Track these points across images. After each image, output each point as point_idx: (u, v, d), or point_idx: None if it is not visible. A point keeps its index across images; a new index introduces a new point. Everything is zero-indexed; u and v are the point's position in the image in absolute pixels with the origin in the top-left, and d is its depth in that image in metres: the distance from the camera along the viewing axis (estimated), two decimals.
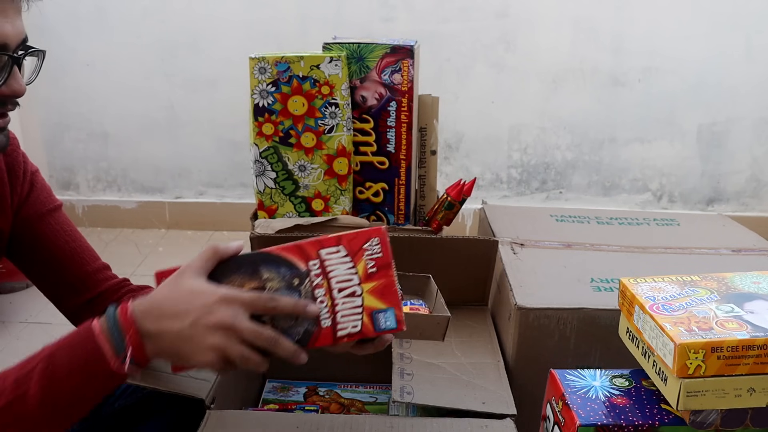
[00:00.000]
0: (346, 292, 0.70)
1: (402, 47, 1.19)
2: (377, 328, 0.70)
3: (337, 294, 0.70)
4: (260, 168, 1.23)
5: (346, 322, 0.70)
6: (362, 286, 0.71)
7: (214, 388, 0.92)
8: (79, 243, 0.96)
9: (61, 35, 2.44)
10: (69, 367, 0.65)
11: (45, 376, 0.65)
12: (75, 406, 0.68)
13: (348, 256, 0.71)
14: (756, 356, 0.67)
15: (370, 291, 0.71)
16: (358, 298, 0.70)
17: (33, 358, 0.67)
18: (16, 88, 0.75)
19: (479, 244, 1.15)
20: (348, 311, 0.70)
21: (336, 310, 0.70)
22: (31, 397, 0.65)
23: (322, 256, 0.71)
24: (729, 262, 1.21)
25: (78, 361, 0.66)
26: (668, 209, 2.60)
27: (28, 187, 0.92)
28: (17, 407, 0.64)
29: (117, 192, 2.67)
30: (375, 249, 0.72)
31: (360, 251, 0.71)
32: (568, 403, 0.72)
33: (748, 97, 2.46)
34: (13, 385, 0.65)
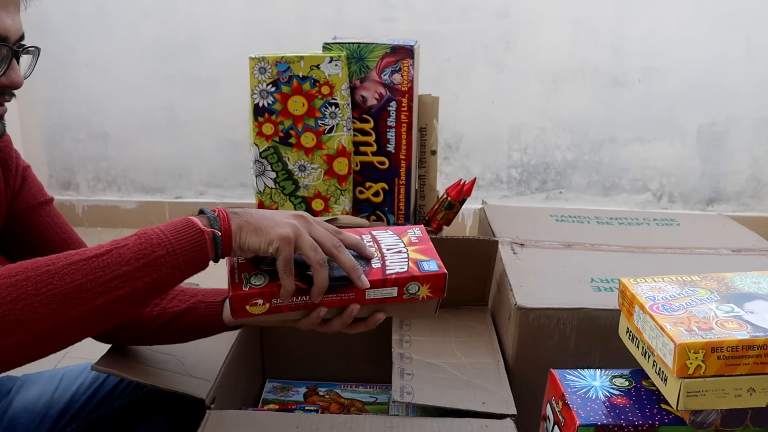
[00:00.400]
0: (394, 249, 0.82)
1: (402, 47, 1.19)
2: (422, 269, 0.79)
3: (386, 250, 0.81)
4: (260, 168, 1.22)
5: (394, 264, 0.79)
6: (407, 248, 0.82)
7: (214, 388, 0.92)
8: (69, 235, 0.97)
9: (62, 35, 2.45)
10: (162, 231, 0.70)
11: (142, 236, 0.69)
12: (165, 269, 0.69)
13: (394, 234, 0.85)
14: (756, 356, 0.67)
15: (414, 251, 0.82)
16: (404, 254, 0.81)
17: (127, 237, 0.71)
18: (14, 80, 0.79)
19: (479, 244, 1.15)
20: (396, 259, 0.80)
21: (385, 258, 0.80)
22: (130, 246, 0.68)
23: (373, 233, 0.85)
24: (729, 262, 1.21)
25: (170, 226, 0.71)
26: (668, 209, 2.60)
27: (21, 181, 0.94)
28: (116, 253, 0.67)
29: (117, 192, 2.67)
30: (416, 232, 0.86)
31: (404, 233, 0.86)
32: (568, 403, 0.72)
33: (748, 97, 2.46)
34: (111, 242, 0.68)
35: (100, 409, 0.99)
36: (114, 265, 0.66)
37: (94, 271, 0.65)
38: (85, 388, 1.00)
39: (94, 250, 0.67)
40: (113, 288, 0.66)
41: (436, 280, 0.79)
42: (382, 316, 0.81)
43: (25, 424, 0.97)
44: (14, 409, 0.98)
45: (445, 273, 0.79)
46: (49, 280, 0.63)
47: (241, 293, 0.74)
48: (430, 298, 0.80)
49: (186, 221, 0.71)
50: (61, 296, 0.63)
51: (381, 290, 0.77)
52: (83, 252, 0.67)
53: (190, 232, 0.70)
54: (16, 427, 0.96)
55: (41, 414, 0.97)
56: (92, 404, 0.99)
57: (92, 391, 1.00)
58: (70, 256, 0.66)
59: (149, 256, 0.68)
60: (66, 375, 1.03)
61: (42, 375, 1.03)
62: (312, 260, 0.73)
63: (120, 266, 0.66)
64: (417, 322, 1.13)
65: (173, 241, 0.69)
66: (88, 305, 0.65)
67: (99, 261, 0.66)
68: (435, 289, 0.79)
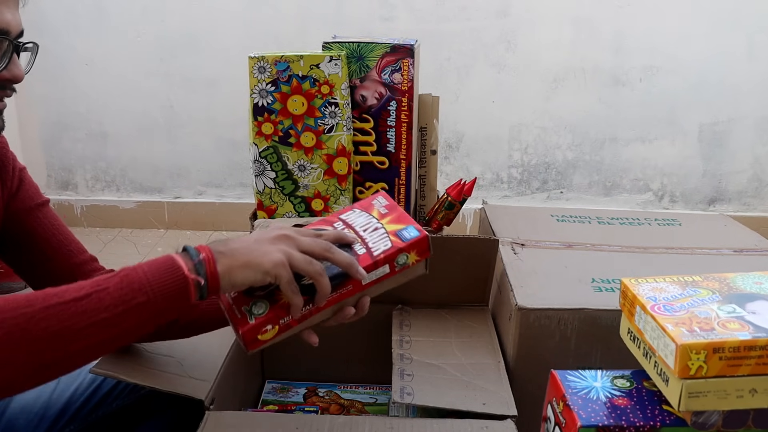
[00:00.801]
0: (370, 228, 0.83)
1: (402, 46, 1.19)
2: (404, 239, 0.80)
3: (362, 232, 0.82)
4: (260, 168, 1.22)
5: (377, 244, 0.80)
6: (381, 221, 0.84)
7: (213, 389, 0.92)
8: (66, 236, 0.97)
9: (60, 34, 2.44)
10: (145, 274, 0.68)
11: (124, 279, 0.67)
12: (144, 315, 0.68)
13: (363, 211, 0.86)
14: (758, 357, 0.66)
15: (388, 222, 0.83)
16: (381, 229, 0.82)
17: (106, 273, 0.69)
18: (16, 73, 0.80)
19: (480, 244, 1.15)
20: (376, 238, 0.81)
21: (366, 241, 0.81)
22: (111, 291, 0.66)
23: (342, 218, 0.85)
24: (731, 262, 1.21)
25: (153, 268, 0.69)
26: (669, 209, 2.60)
27: (18, 183, 0.94)
28: (96, 298, 0.66)
29: (116, 192, 2.66)
30: (382, 202, 0.87)
31: (370, 206, 0.87)
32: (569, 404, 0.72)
33: (749, 96, 2.45)
34: (92, 283, 0.67)
35: (98, 410, 0.99)
36: (92, 311, 0.65)
37: (72, 318, 0.64)
38: (83, 389, 1.00)
39: (74, 292, 0.65)
40: (90, 335, 0.65)
41: (420, 244, 0.81)
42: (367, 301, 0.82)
43: (24, 425, 0.96)
44: (12, 410, 0.98)
45: (427, 235, 0.81)
46: (25, 325, 0.62)
47: (250, 327, 0.74)
48: (418, 261, 0.82)
49: (170, 264, 0.69)
50: (35, 341, 0.62)
51: (374, 272, 0.79)
52: (63, 293, 0.65)
53: (173, 277, 0.68)
54: (14, 428, 0.96)
55: (39, 415, 0.97)
56: (91, 405, 0.99)
57: (91, 392, 1.00)
58: (48, 297, 0.65)
59: (129, 302, 0.66)
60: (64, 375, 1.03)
61: None
62: (311, 274, 0.73)
63: (98, 312, 0.65)
64: (417, 323, 1.13)
65: (155, 287, 0.67)
66: (63, 351, 0.64)
67: (77, 306, 0.65)
68: (421, 252, 0.81)
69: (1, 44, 0.78)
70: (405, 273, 0.82)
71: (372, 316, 1.16)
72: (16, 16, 0.79)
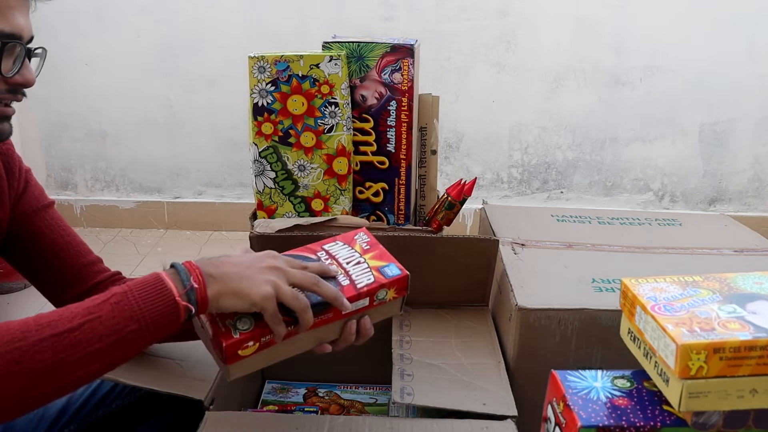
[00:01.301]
0: (353, 262, 0.86)
1: (402, 46, 1.19)
2: (386, 276, 0.84)
3: (346, 265, 0.85)
4: (259, 168, 1.22)
5: (361, 277, 0.83)
6: (363, 256, 0.87)
7: (213, 389, 0.92)
8: (72, 237, 0.98)
9: (60, 34, 2.44)
10: (136, 300, 0.69)
11: (115, 307, 0.68)
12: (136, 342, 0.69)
13: (345, 244, 0.89)
14: (758, 357, 0.66)
15: (370, 258, 0.87)
16: (364, 263, 0.86)
17: (98, 297, 0.70)
18: (28, 78, 0.80)
19: (480, 244, 1.14)
20: (359, 271, 0.84)
21: (349, 273, 0.84)
22: (104, 320, 0.67)
23: (325, 248, 0.88)
24: (731, 262, 1.21)
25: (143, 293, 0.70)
26: (670, 209, 2.60)
27: (24, 184, 0.95)
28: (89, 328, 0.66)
29: (115, 192, 2.66)
30: (364, 238, 0.90)
31: (353, 240, 0.90)
32: (569, 404, 0.72)
33: (750, 96, 2.45)
34: (84, 311, 0.67)
35: (98, 410, 0.99)
36: (86, 341, 0.66)
37: (66, 350, 0.65)
38: (83, 389, 1.00)
39: (66, 323, 0.66)
40: (84, 365, 0.66)
41: (401, 282, 0.85)
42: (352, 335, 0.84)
43: (23, 426, 0.96)
44: None
45: (407, 274, 0.85)
46: (19, 358, 0.63)
47: (233, 341, 0.75)
48: (395, 298, 0.86)
49: (161, 289, 0.70)
50: (31, 375, 0.63)
51: (355, 303, 0.81)
52: (56, 323, 0.66)
53: (164, 304, 0.69)
54: (14, 429, 0.96)
55: (39, 415, 0.97)
56: (90, 405, 0.99)
57: (90, 392, 1.00)
58: (42, 328, 0.65)
59: (122, 331, 0.67)
60: None
61: None
62: (297, 309, 0.75)
63: (92, 343, 0.66)
64: (418, 323, 1.13)
65: (147, 314, 0.68)
66: (58, 382, 0.65)
67: (70, 337, 0.65)
68: (400, 290, 0.85)
69: (14, 49, 0.78)
70: (380, 310, 0.85)
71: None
72: (27, 21, 0.80)
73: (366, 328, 0.83)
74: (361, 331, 0.84)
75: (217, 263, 0.75)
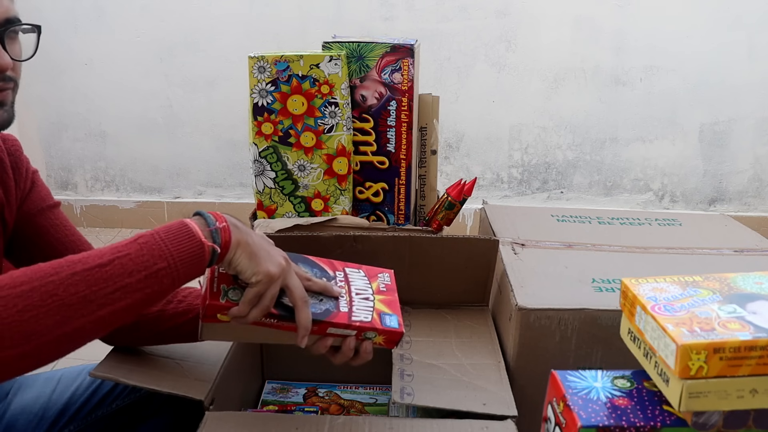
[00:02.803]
0: (362, 296, 0.87)
1: (402, 46, 1.19)
2: (383, 324, 0.85)
3: (354, 296, 0.87)
4: (259, 168, 1.22)
5: (359, 312, 0.85)
6: (375, 296, 0.88)
7: (213, 390, 0.92)
8: (78, 237, 0.98)
9: (59, 34, 2.44)
10: (163, 241, 0.70)
11: (143, 246, 0.69)
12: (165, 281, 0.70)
13: (366, 277, 0.91)
14: (759, 357, 0.66)
15: (380, 301, 0.88)
16: (371, 302, 0.87)
17: (124, 240, 0.71)
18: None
19: (480, 244, 1.14)
20: (362, 307, 0.86)
21: (353, 304, 0.85)
22: (133, 257, 0.68)
23: (346, 271, 0.91)
24: (731, 262, 1.21)
25: (170, 235, 0.71)
26: (670, 209, 2.60)
27: (30, 184, 0.95)
28: (119, 264, 0.67)
29: (115, 192, 2.66)
30: (386, 279, 0.93)
31: (375, 277, 0.92)
32: (569, 405, 0.72)
33: (750, 96, 2.45)
34: (112, 249, 0.69)
35: (98, 410, 0.99)
36: (117, 276, 0.67)
37: (98, 282, 0.66)
38: (83, 389, 1.00)
39: (96, 259, 0.67)
40: (116, 299, 0.67)
41: (393, 336, 0.86)
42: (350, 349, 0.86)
43: (23, 426, 0.96)
44: (12, 410, 0.98)
45: (402, 332, 0.86)
46: (54, 290, 0.63)
47: (217, 304, 0.78)
48: (381, 345, 0.87)
49: (187, 230, 0.72)
50: (66, 307, 0.64)
51: (342, 330, 0.83)
52: (86, 260, 0.67)
53: (190, 244, 0.71)
54: (14, 429, 0.96)
55: (39, 415, 0.97)
56: (90, 405, 0.99)
57: (90, 392, 0.99)
58: (73, 264, 0.66)
59: (151, 268, 0.68)
60: (64, 376, 1.03)
61: (40, 376, 1.03)
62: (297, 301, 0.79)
63: (123, 278, 0.67)
64: (417, 323, 1.13)
65: (174, 253, 0.70)
66: (92, 316, 0.66)
67: (102, 272, 0.66)
68: (389, 342, 0.87)
69: None
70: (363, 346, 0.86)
71: None
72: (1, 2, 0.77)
73: (366, 351, 0.86)
74: (361, 353, 0.86)
75: (240, 229, 0.77)
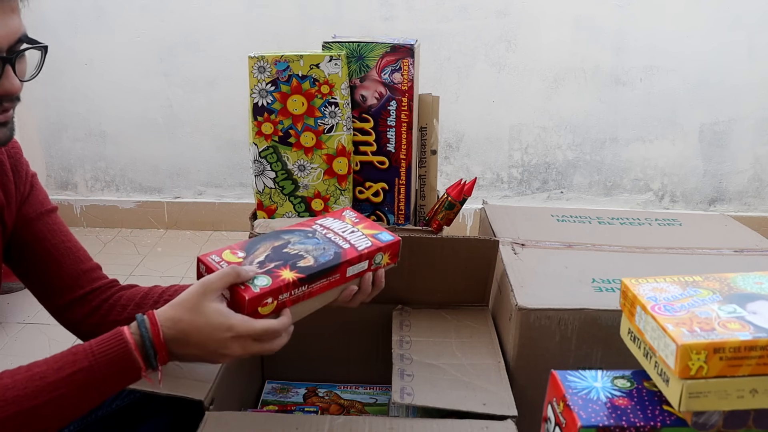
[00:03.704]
0: (348, 231, 0.92)
1: (402, 46, 1.19)
2: (382, 241, 0.91)
3: (342, 233, 0.92)
4: (259, 168, 1.22)
5: (359, 242, 0.90)
6: (356, 227, 0.93)
7: (212, 390, 0.92)
8: (73, 243, 0.98)
9: (59, 34, 2.44)
10: (106, 377, 0.73)
11: (82, 386, 0.72)
12: (98, 400, 0.76)
13: (336, 219, 0.96)
14: (759, 357, 0.66)
15: (363, 228, 0.93)
16: (358, 232, 0.92)
17: (67, 361, 0.73)
18: (8, 88, 0.76)
19: (480, 244, 1.14)
20: (356, 238, 0.91)
21: (348, 239, 0.90)
22: (69, 398, 0.72)
23: (318, 222, 0.95)
24: (731, 262, 1.21)
25: (115, 373, 0.74)
26: (670, 209, 2.59)
27: (29, 188, 0.95)
28: (54, 405, 0.71)
29: (115, 192, 2.66)
30: (351, 214, 0.97)
31: (342, 216, 0.96)
32: (569, 405, 0.72)
33: (750, 96, 2.45)
34: (51, 386, 0.71)
35: (98, 410, 0.98)
36: (49, 417, 0.72)
37: (31, 423, 0.71)
38: None
39: (31, 399, 0.71)
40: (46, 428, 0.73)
41: (393, 248, 0.92)
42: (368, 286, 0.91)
43: None
44: None
45: (399, 240, 0.93)
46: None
47: (255, 295, 0.79)
48: (388, 264, 0.93)
49: (129, 366, 0.75)
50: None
51: (357, 265, 0.88)
52: (19, 400, 0.71)
53: (129, 378, 0.76)
54: None
55: None
56: None
57: None
58: (7, 405, 0.70)
59: (84, 406, 0.75)
60: None
61: None
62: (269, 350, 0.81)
63: (55, 421, 0.73)
64: (417, 323, 1.13)
65: (111, 387, 0.75)
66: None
67: (35, 412, 0.71)
68: (393, 255, 0.93)
69: None
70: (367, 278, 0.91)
71: (372, 317, 1.16)
72: (10, 25, 0.74)
73: (380, 278, 0.92)
74: (376, 282, 0.91)
75: (185, 343, 0.77)
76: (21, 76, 0.79)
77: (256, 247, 0.88)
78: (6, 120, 0.81)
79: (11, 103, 0.79)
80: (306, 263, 0.84)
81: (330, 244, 0.88)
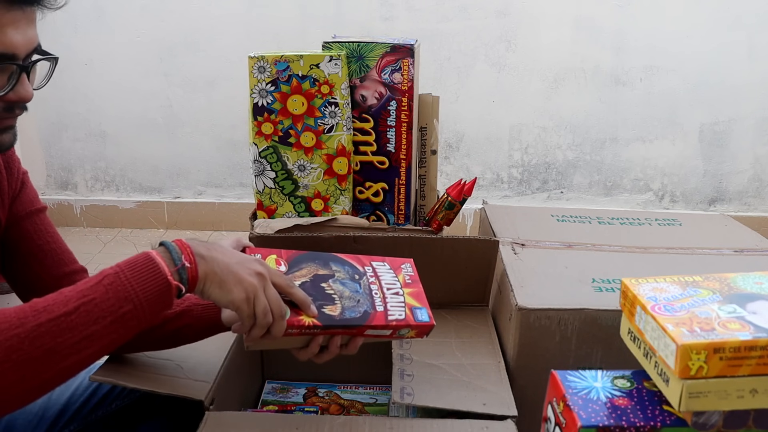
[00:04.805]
0: (392, 291, 0.90)
1: (402, 46, 1.19)
2: (416, 319, 0.87)
3: (386, 291, 0.89)
4: (259, 168, 1.22)
5: (394, 310, 0.87)
6: (403, 289, 0.91)
7: (213, 390, 0.92)
8: (59, 245, 0.97)
9: (59, 34, 2.44)
10: (129, 280, 0.69)
11: (109, 288, 0.68)
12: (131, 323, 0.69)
13: (391, 270, 0.93)
14: (759, 357, 0.66)
15: (408, 294, 0.90)
16: (401, 297, 0.89)
17: (90, 279, 0.70)
18: (22, 95, 0.79)
19: (480, 244, 1.14)
20: (395, 304, 0.88)
21: (386, 301, 0.88)
22: (98, 302, 0.67)
23: (373, 265, 0.93)
24: (731, 262, 1.20)
25: (135, 273, 0.70)
26: (670, 209, 2.60)
27: (20, 185, 0.94)
28: (84, 311, 0.67)
29: (115, 192, 2.66)
30: (408, 270, 0.95)
31: (399, 269, 0.94)
32: (569, 405, 0.72)
33: (750, 96, 2.45)
34: (78, 294, 0.67)
35: (98, 410, 0.99)
36: (82, 324, 0.66)
37: (63, 333, 0.65)
38: (83, 389, 1.00)
39: (62, 307, 0.66)
40: (82, 348, 0.66)
41: (425, 329, 0.89)
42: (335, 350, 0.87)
43: (23, 426, 0.96)
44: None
45: (434, 324, 0.88)
46: (18, 345, 0.63)
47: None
48: (412, 338, 0.90)
49: (152, 266, 0.70)
50: (31, 362, 0.64)
51: (379, 331, 0.86)
52: (51, 308, 0.66)
53: (156, 282, 0.70)
54: (14, 429, 0.96)
55: (39, 415, 0.97)
56: (90, 405, 0.99)
57: (90, 392, 0.99)
58: (38, 314, 0.65)
59: (117, 312, 0.68)
60: None
61: None
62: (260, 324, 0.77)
63: (88, 326, 0.67)
64: None
65: (140, 294, 0.69)
66: (57, 367, 0.66)
67: (68, 321, 0.66)
68: (421, 334, 0.89)
69: (8, 67, 0.77)
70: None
71: None
72: (27, 34, 0.78)
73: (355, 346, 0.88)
74: (349, 347, 0.88)
75: (209, 246, 0.75)
76: (33, 84, 0.82)
77: (300, 265, 0.88)
78: (12, 125, 0.82)
79: (21, 110, 0.81)
80: (331, 311, 0.83)
81: (366, 299, 0.86)
